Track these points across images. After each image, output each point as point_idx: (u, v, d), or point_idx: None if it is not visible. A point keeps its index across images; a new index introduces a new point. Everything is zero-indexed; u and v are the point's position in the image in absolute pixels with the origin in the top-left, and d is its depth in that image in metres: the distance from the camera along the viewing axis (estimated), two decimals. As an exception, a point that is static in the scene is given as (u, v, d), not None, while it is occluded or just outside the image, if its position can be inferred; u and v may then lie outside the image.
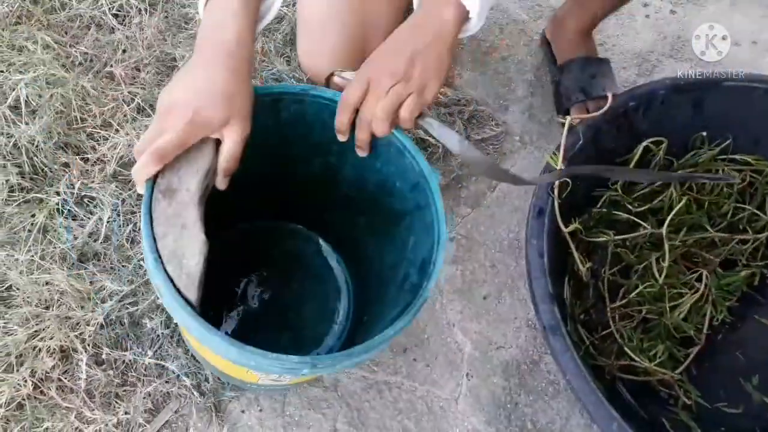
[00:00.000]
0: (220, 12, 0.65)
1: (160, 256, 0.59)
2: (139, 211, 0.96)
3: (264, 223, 0.93)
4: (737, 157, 0.98)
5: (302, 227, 0.95)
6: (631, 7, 1.28)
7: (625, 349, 0.84)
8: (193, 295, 0.59)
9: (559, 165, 0.85)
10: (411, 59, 0.67)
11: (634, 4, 1.28)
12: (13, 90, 1.03)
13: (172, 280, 0.59)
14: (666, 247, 0.89)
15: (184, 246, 0.60)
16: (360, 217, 0.86)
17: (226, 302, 0.88)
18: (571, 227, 0.86)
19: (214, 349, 0.60)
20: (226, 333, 0.68)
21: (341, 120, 0.72)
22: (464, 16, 0.70)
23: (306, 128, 0.76)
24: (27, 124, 1.00)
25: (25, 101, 1.02)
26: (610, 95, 0.89)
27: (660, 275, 0.88)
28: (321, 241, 0.94)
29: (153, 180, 0.62)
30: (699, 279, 0.91)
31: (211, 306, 0.73)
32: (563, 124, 0.87)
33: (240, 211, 0.86)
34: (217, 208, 0.68)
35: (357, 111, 0.70)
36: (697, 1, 1.30)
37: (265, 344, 0.59)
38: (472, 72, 1.19)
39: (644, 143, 0.94)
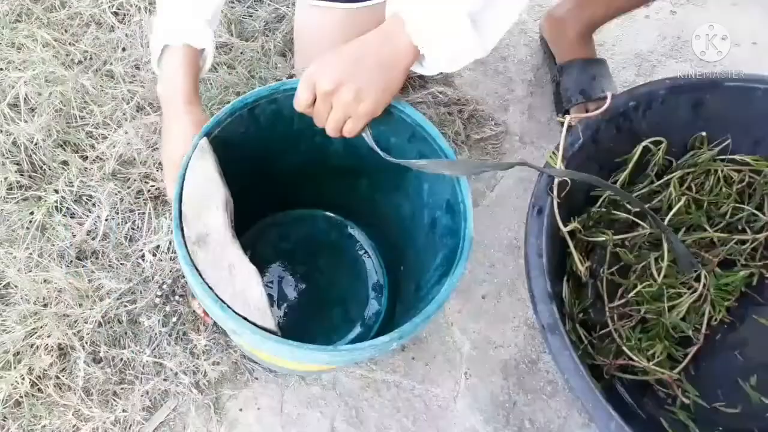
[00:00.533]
0: (170, 70, 0.79)
1: (224, 303, 0.60)
2: (138, 210, 0.96)
3: (273, 215, 0.95)
4: (737, 157, 0.97)
5: (309, 210, 0.96)
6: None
7: (624, 348, 0.84)
8: (270, 323, 0.61)
9: (558, 164, 0.85)
10: (353, 68, 0.66)
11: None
12: (13, 88, 1.03)
13: (246, 319, 0.60)
14: (665, 246, 0.88)
15: (240, 283, 0.62)
16: (361, 179, 0.86)
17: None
18: (570, 227, 0.86)
19: (301, 359, 0.62)
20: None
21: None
22: (418, 54, 0.68)
23: (284, 122, 0.77)
24: (26, 122, 1.00)
25: (25, 99, 1.02)
26: (609, 95, 0.89)
27: (659, 275, 0.88)
28: (331, 215, 0.95)
29: (182, 236, 0.63)
30: (698, 279, 0.90)
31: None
32: (563, 124, 0.87)
33: (254, 207, 0.88)
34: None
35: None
36: (697, 2, 1.30)
37: (315, 330, 0.66)
38: (471, 72, 1.18)
39: (643, 143, 0.94)
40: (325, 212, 0.96)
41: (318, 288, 0.91)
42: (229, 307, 0.60)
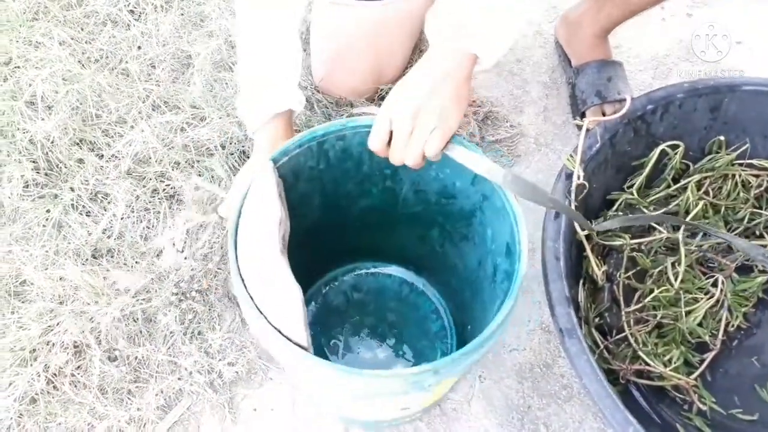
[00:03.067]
0: (272, 130, 0.88)
1: (262, 313, 0.61)
2: (153, 209, 0.96)
3: (341, 269, 0.94)
4: (755, 161, 0.97)
5: (381, 262, 0.95)
6: (647, 11, 1.27)
7: (640, 353, 0.83)
8: (304, 339, 0.61)
9: (576, 168, 0.84)
10: (427, 97, 0.67)
11: (650, 7, 1.27)
12: (30, 86, 1.04)
13: (280, 332, 0.60)
14: (682, 251, 0.88)
15: (280, 298, 0.62)
16: (432, 230, 0.86)
17: (331, 349, 0.89)
18: (587, 230, 0.85)
19: (344, 385, 0.60)
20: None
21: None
22: (475, 57, 0.70)
23: (353, 161, 0.77)
24: (43, 119, 1.01)
25: (42, 97, 1.02)
26: (628, 98, 0.89)
27: (675, 280, 0.87)
28: (403, 270, 0.95)
29: (235, 249, 0.64)
30: (715, 284, 0.90)
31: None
32: (579, 127, 0.87)
33: (330, 254, 0.88)
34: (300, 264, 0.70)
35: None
36: (712, 5, 1.29)
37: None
38: (487, 74, 1.18)
39: (661, 147, 0.94)
40: (399, 266, 0.95)
41: (385, 342, 0.90)
42: (266, 319, 0.61)
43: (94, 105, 1.04)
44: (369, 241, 0.89)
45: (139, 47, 1.14)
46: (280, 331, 0.60)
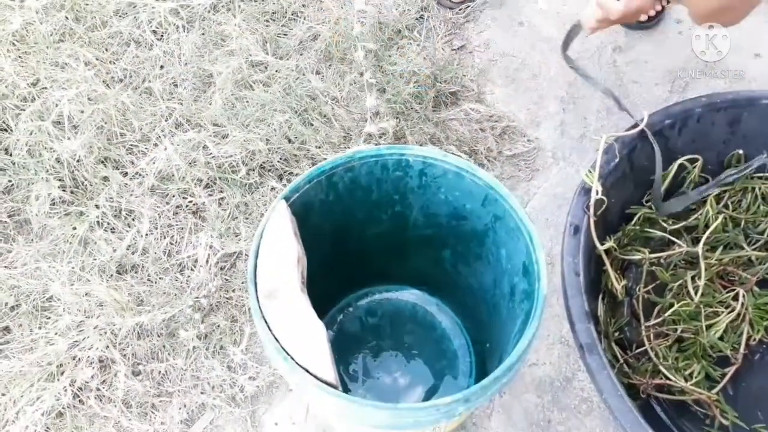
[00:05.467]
0: None
1: (288, 354, 0.62)
2: (177, 225, 0.98)
3: (355, 294, 0.95)
4: (775, 175, 0.96)
5: (394, 285, 0.95)
6: (664, 25, 1.27)
7: (660, 368, 0.83)
8: (331, 377, 0.62)
9: (595, 183, 0.85)
10: None
11: (666, 21, 1.28)
12: (57, 106, 1.06)
13: (307, 371, 0.61)
14: (702, 265, 0.88)
15: (305, 337, 0.63)
16: (444, 251, 0.87)
17: (351, 377, 0.90)
18: (606, 245, 0.85)
19: (368, 421, 0.61)
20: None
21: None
22: None
23: (362, 191, 0.79)
24: (69, 139, 1.03)
25: (68, 117, 1.05)
26: (645, 114, 0.89)
27: (696, 294, 0.87)
28: (418, 291, 0.95)
29: (255, 289, 0.65)
30: (735, 298, 0.89)
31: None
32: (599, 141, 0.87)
33: (344, 280, 0.89)
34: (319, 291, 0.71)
35: None
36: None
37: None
38: (504, 89, 1.19)
39: (679, 161, 0.94)
40: (413, 288, 0.95)
41: (405, 365, 0.90)
42: (292, 358, 0.61)
43: (118, 124, 1.07)
44: (382, 265, 0.90)
45: (162, 66, 1.16)
46: (308, 371, 0.61)
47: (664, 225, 0.93)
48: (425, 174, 0.79)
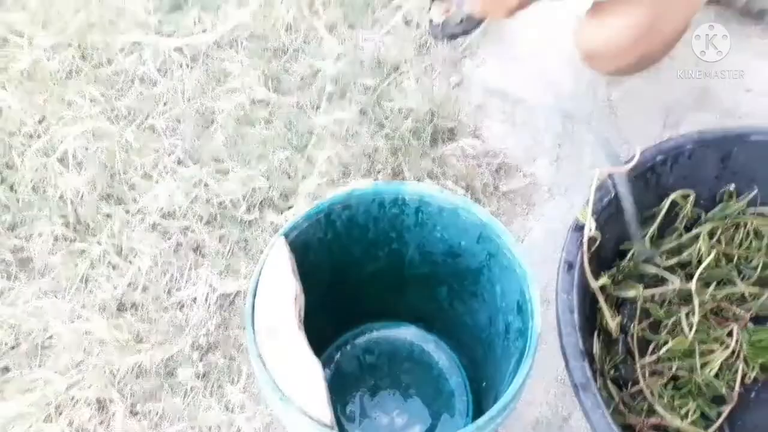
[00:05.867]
0: None
1: (284, 393, 0.62)
2: (177, 262, 0.99)
3: (351, 332, 0.95)
4: (765, 210, 0.97)
5: (391, 322, 0.95)
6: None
7: (656, 407, 0.83)
8: (328, 417, 0.62)
9: (588, 219, 0.86)
10: None
11: (659, 56, 1.29)
12: (62, 142, 1.09)
13: (304, 412, 0.61)
14: (695, 301, 0.88)
15: (302, 376, 0.64)
16: (440, 288, 0.88)
17: (347, 416, 0.89)
18: (601, 281, 0.86)
19: None
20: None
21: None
22: None
23: (359, 229, 0.80)
24: (73, 176, 1.05)
25: (73, 154, 1.07)
26: (637, 151, 0.90)
27: (690, 331, 0.88)
28: (414, 328, 0.95)
29: (252, 328, 0.66)
30: (730, 334, 0.90)
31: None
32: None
33: (340, 318, 0.90)
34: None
35: None
36: (720, 52, 1.31)
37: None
38: (500, 124, 1.21)
39: (671, 196, 0.95)
40: (409, 325, 0.95)
41: (401, 404, 0.90)
42: (287, 398, 0.62)
43: (121, 160, 1.09)
44: (379, 302, 0.91)
45: (165, 103, 1.19)
46: (304, 411, 0.61)
47: (658, 261, 0.94)
48: (421, 211, 0.81)
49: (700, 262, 0.93)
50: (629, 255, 0.95)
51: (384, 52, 1.25)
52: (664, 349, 0.87)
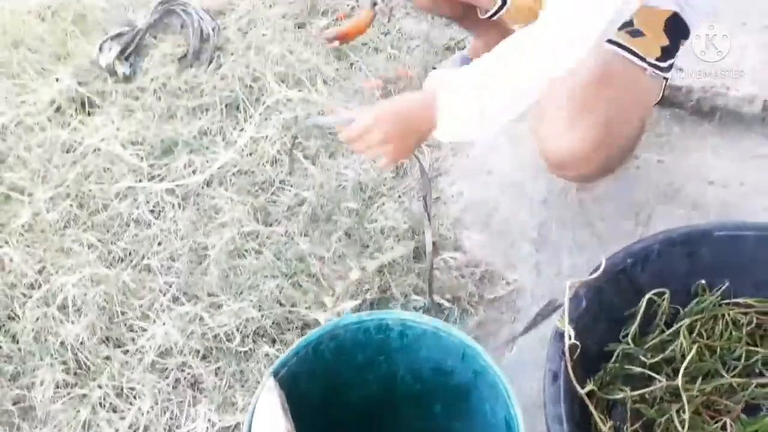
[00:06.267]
0: None
1: None
2: (176, 399, 1.01)
3: None
4: (740, 300, 1.01)
5: None
6: (622, 160, 1.37)
7: None
8: None
9: (566, 328, 0.89)
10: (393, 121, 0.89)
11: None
12: (61, 290, 1.13)
13: None
14: (684, 397, 0.90)
15: None
16: (434, 406, 0.90)
17: None
18: (587, 388, 0.88)
19: None
20: None
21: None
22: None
23: (348, 356, 0.84)
24: (73, 323, 1.09)
25: (72, 301, 1.11)
26: (603, 260, 0.94)
27: (683, 428, 0.89)
28: None
29: None
30: (724, 427, 0.91)
31: None
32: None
33: None
34: None
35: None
36: (682, 150, 1.40)
37: None
38: (479, 235, 1.27)
39: (647, 296, 0.99)
40: None
41: None
42: None
43: (119, 303, 1.13)
44: (374, 423, 0.92)
45: (160, 243, 1.24)
46: None
47: (643, 360, 0.96)
48: (406, 335, 0.85)
49: (683, 356, 0.96)
50: (614, 357, 0.97)
51: (364, 177, 1.33)
52: (658, 450, 0.88)
